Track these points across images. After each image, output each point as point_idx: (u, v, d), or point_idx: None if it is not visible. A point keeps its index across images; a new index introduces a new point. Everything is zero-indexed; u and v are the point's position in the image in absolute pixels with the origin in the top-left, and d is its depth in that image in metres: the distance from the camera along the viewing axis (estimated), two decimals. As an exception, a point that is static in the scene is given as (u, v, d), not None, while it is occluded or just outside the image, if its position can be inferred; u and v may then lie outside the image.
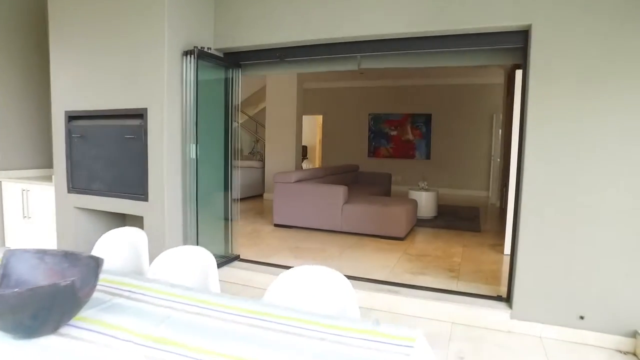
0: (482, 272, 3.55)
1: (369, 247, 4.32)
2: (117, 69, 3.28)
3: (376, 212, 4.71)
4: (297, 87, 7.29)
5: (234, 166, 3.84)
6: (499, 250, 4.28)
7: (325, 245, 4.37)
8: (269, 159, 7.58)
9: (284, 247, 4.27)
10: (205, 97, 3.59)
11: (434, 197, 6.00)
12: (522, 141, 2.66)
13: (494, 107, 8.81)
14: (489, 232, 5.19)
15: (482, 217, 6.41)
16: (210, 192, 3.73)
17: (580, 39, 2.44)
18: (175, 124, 3.19)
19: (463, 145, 9.24)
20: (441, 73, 8.56)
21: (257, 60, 3.57)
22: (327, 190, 4.93)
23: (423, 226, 5.50)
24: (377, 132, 9.99)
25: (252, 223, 5.48)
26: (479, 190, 9.14)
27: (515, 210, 2.74)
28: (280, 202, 5.18)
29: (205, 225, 3.65)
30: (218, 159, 3.76)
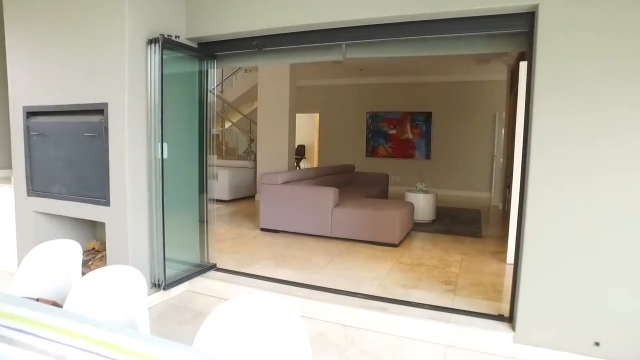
0: (481, 285, 3.21)
1: (359, 255, 3.99)
2: (76, 59, 2.96)
3: (368, 217, 4.37)
4: (289, 84, 6.96)
5: (209, 166, 3.50)
6: (501, 258, 3.94)
7: (312, 253, 4.04)
8: (261, 159, 7.26)
9: (267, 255, 3.95)
10: (177, 91, 3.28)
11: (432, 199, 5.65)
12: (527, 139, 2.32)
13: (497, 105, 8.46)
14: (490, 238, 4.84)
15: (483, 220, 6.06)
16: (182, 195, 3.40)
17: (597, 21, 2.09)
18: (139, 120, 2.86)
19: (464, 145, 8.89)
20: (442, 69, 8.21)
21: (233, 51, 3.24)
22: (316, 192, 4.60)
23: (420, 230, 5.16)
24: (376, 131, 9.65)
25: (237, 227, 5.16)
26: (481, 192, 8.79)
27: (519, 216, 2.40)
28: (266, 205, 4.86)
29: (177, 231, 3.33)
30: (192, 158, 3.43)
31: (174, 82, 3.26)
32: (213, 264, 3.50)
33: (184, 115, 3.35)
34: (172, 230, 3.22)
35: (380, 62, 7.59)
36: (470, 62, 7.35)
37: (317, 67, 8.24)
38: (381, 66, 8.09)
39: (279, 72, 6.98)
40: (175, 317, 2.85)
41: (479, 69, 7.95)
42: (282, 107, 7.03)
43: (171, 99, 3.22)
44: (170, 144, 3.23)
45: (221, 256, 3.86)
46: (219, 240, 4.50)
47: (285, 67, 6.91)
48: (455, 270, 3.55)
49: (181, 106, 3.33)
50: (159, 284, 2.98)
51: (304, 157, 13.25)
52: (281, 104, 7.03)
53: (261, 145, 7.27)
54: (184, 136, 3.37)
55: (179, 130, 3.33)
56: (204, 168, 3.50)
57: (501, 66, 7.40)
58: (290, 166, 7.15)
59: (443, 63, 7.53)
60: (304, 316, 2.84)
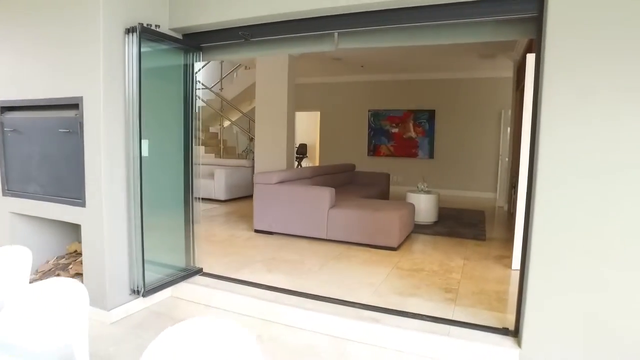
0: (485, 293, 2.99)
1: (355, 259, 3.77)
2: (49, 50, 2.77)
3: (366, 218, 4.15)
4: (288, 80, 6.75)
5: (195, 164, 3.30)
6: (506, 264, 3.71)
7: (306, 257, 3.83)
8: (258, 158, 7.05)
9: (259, 258, 3.74)
10: (160, 84, 3.09)
11: (434, 200, 5.43)
12: (535, 137, 2.10)
13: (502, 103, 8.20)
14: (495, 241, 4.61)
15: (487, 222, 5.82)
16: (166, 195, 3.21)
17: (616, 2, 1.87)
18: (116, 116, 2.67)
19: (469, 144, 8.64)
20: (445, 66, 7.97)
21: (219, 42, 3.04)
22: (311, 192, 4.39)
23: (421, 233, 4.94)
24: (378, 130, 9.43)
25: (231, 228, 4.96)
26: (486, 192, 8.54)
27: (526, 218, 2.17)
28: (260, 205, 4.66)
29: (160, 234, 3.14)
30: (176, 156, 3.23)
31: (156, 75, 3.07)
32: (199, 269, 3.31)
33: (167, 111, 3.16)
34: (154, 232, 3.04)
35: (382, 58, 7.37)
36: (475, 58, 7.11)
37: (318, 63, 8.03)
38: (383, 63, 7.86)
39: (277, 68, 6.77)
40: (154, 325, 2.65)
41: (484, 65, 7.71)
42: (281, 105, 6.82)
43: (154, 93, 3.03)
44: (153, 141, 3.04)
45: (210, 259, 3.66)
46: (210, 242, 4.30)
47: (284, 63, 6.70)
48: (457, 277, 3.33)
49: (164, 101, 3.13)
50: (138, 290, 2.79)
51: (306, 156, 13.06)
52: (279, 101, 6.82)
53: (259, 143, 7.06)
54: (167, 132, 3.17)
55: (162, 126, 3.14)
56: (190, 166, 3.30)
57: (507, 62, 7.15)
58: (289, 165, 6.94)
59: (447, 59, 7.29)
60: (292, 326, 2.64)
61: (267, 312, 2.77)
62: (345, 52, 6.95)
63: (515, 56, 6.46)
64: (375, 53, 7.01)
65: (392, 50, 6.68)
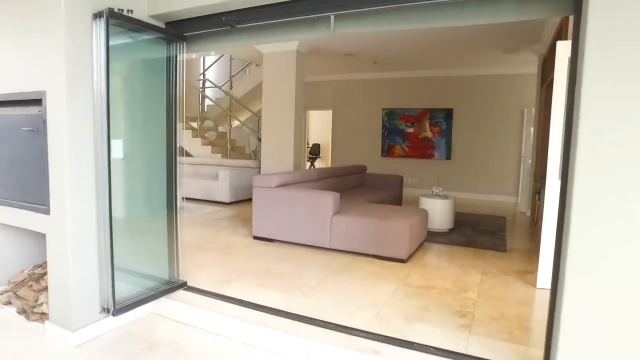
0: (505, 318, 2.57)
1: (358, 273, 3.40)
2: (8, 38, 2.49)
3: (373, 227, 3.77)
4: (295, 77, 6.41)
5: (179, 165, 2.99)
6: (529, 280, 3.28)
7: (304, 268, 3.47)
8: (265, 159, 6.74)
9: (252, 270, 3.41)
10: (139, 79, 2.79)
11: (450, 205, 4.99)
12: (570, 138, 1.69)
13: (525, 101, 7.68)
14: (516, 252, 4.16)
15: (508, 230, 5.36)
16: (145, 201, 2.90)
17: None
18: (84, 113, 2.36)
19: (488, 145, 8.14)
20: (464, 62, 7.49)
21: (204, 30, 2.71)
22: (313, 197, 4.03)
23: (434, 241, 4.52)
24: (392, 129, 9.00)
25: (230, 234, 4.65)
26: (506, 196, 8.03)
27: (559, 227, 1.75)
28: (260, 210, 4.32)
29: (138, 244, 2.84)
30: (157, 157, 2.92)
31: (135, 68, 2.77)
32: (183, 282, 2.99)
33: (148, 108, 2.85)
34: (133, 242, 2.75)
35: (396, 54, 6.95)
36: (497, 53, 6.62)
37: (329, 60, 7.67)
38: (398, 59, 7.44)
39: (284, 64, 6.45)
40: (123, 350, 2.34)
41: (506, 61, 7.20)
42: (288, 103, 6.49)
43: (132, 89, 2.74)
44: (132, 141, 2.75)
45: (199, 271, 3.34)
46: (203, 250, 3.99)
47: (291, 59, 6.37)
48: (473, 297, 2.92)
49: (145, 97, 2.83)
50: (108, 309, 2.48)
51: (319, 157, 12.71)
52: (287, 99, 6.49)
53: (266, 144, 6.75)
54: (148, 132, 2.87)
55: (141, 125, 2.84)
56: (173, 169, 2.99)
57: (531, 57, 6.64)
58: (296, 167, 6.61)
59: (466, 55, 6.82)
60: (278, 354, 2.29)
61: (251, 336, 2.42)
62: (357, 47, 6.57)
63: (541, 49, 5.96)
64: (389, 48, 6.60)
65: (407, 45, 6.27)
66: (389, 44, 6.25)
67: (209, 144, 8.30)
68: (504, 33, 5.47)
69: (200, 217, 5.64)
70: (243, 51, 7.04)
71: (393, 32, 5.48)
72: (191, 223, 5.21)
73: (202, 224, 5.19)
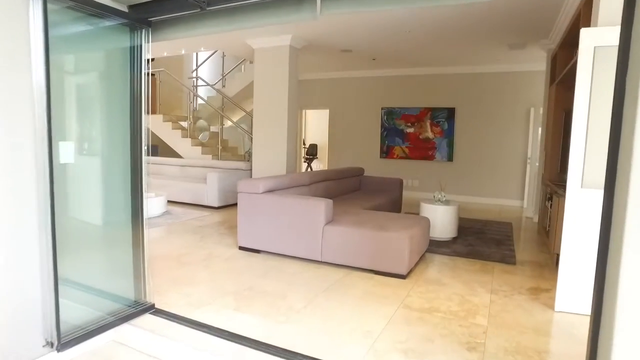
0: (522, 353, 2.19)
1: (352, 292, 3.01)
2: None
3: (369, 239, 3.39)
4: (288, 74, 6.03)
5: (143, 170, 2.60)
6: (546, 301, 2.89)
7: (291, 287, 3.09)
8: (256, 160, 6.36)
9: (232, 289, 3.02)
10: (97, 72, 2.41)
11: (453, 212, 4.61)
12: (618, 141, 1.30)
13: (532, 100, 7.30)
14: (527, 265, 3.78)
15: (516, 237, 4.98)
16: (106, 212, 2.52)
17: None
18: (22, 110, 1.98)
19: (492, 146, 7.76)
20: (467, 59, 7.11)
21: (171, 14, 2.33)
22: (303, 205, 3.64)
23: (437, 252, 4.14)
24: (391, 129, 8.61)
25: (214, 243, 4.26)
26: (511, 200, 7.64)
27: (603, 245, 1.37)
28: (245, 219, 3.94)
29: (99, 261, 2.46)
30: (120, 161, 2.54)
31: (92, 59, 2.39)
32: (150, 305, 2.60)
33: (108, 105, 2.47)
34: (87, 258, 2.36)
35: (396, 50, 6.56)
36: (502, 49, 6.24)
37: (325, 56, 7.28)
38: (397, 55, 7.05)
39: (276, 61, 6.07)
40: (67, 394, 1.96)
41: (512, 57, 6.82)
42: (281, 102, 6.11)
43: (89, 83, 2.36)
44: (89, 142, 2.37)
45: (172, 288, 2.96)
46: (181, 263, 3.61)
47: (284, 55, 5.99)
48: (483, 323, 2.54)
49: (103, 92, 2.45)
50: (52, 342, 2.10)
51: (316, 157, 12.33)
52: (279, 98, 6.12)
53: (257, 145, 6.37)
54: (108, 132, 2.49)
55: (99, 124, 2.45)
56: (139, 173, 2.60)
57: (539, 53, 6.27)
58: (289, 169, 6.23)
59: (469, 51, 6.44)
60: (252, 402, 1.90)
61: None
62: (355, 43, 6.19)
63: (550, 45, 5.58)
64: (388, 44, 6.22)
65: (407, 40, 5.89)
66: (387, 39, 5.87)
67: (199, 145, 7.92)
68: (510, 27, 5.09)
69: (184, 223, 5.25)
70: (235, 48, 6.66)
71: (391, 25, 5.09)
72: (173, 230, 4.83)
73: (185, 231, 4.81)
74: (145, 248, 2.64)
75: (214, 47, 6.84)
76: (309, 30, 5.54)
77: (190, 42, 6.45)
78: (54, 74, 2.02)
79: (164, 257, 3.78)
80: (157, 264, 3.58)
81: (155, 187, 6.82)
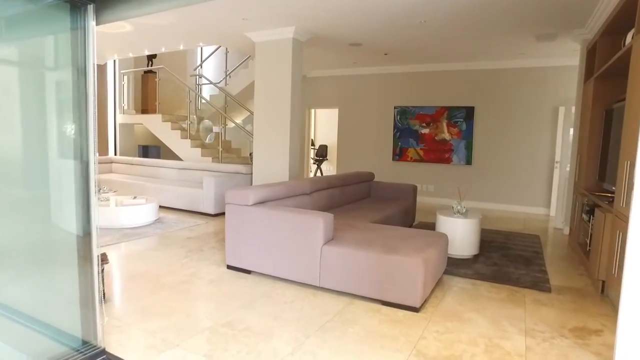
0: None
1: (353, 332, 2.47)
2: None
3: (376, 262, 2.84)
4: (292, 71, 5.51)
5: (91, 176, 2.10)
6: (598, 349, 2.30)
7: (280, 322, 2.55)
8: (257, 164, 5.86)
9: (207, 324, 2.51)
10: (31, 60, 1.92)
11: (474, 226, 4.03)
12: None
13: (561, 98, 6.64)
14: (566, 294, 3.18)
15: (546, 254, 4.36)
16: (39, 229, 2.04)
17: None
18: None
19: (515, 148, 7.10)
20: (487, 54, 6.47)
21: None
22: (299, 220, 3.11)
23: (456, 273, 3.56)
24: (405, 130, 8.02)
25: (200, 260, 3.76)
26: (536, 207, 6.98)
27: None
28: (234, 234, 3.43)
29: (35, 293, 1.97)
30: (61, 168, 2.05)
31: (25, 45, 1.90)
32: (100, 350, 2.10)
33: (45, 100, 1.98)
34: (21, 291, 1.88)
35: (410, 45, 5.98)
36: (528, 40, 5.60)
37: (333, 51, 6.74)
38: (411, 50, 6.46)
39: (278, 56, 5.55)
40: None
41: (539, 51, 6.16)
42: (284, 100, 5.60)
43: (21, 75, 1.88)
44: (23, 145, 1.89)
45: (137, 323, 2.46)
46: (156, 284, 3.12)
47: (286, 49, 5.47)
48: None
49: (39, 86, 1.96)
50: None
51: (326, 159, 11.80)
52: (282, 95, 5.60)
53: (258, 147, 5.87)
54: (44, 133, 2.00)
55: (33, 124, 1.97)
56: (87, 182, 2.10)
57: (571, 45, 5.61)
58: (293, 173, 5.71)
59: (491, 44, 5.81)
60: None
61: None
62: (365, 35, 5.63)
63: (586, 35, 4.93)
64: (401, 37, 5.64)
65: (422, 33, 5.30)
66: (400, 31, 5.30)
67: (199, 146, 7.46)
68: (540, 16, 4.47)
69: (173, 233, 4.77)
70: (235, 42, 6.16)
71: (404, 14, 4.51)
72: (160, 242, 4.35)
73: (172, 243, 4.33)
74: (95, 273, 2.14)
75: (213, 41, 6.35)
76: (314, 21, 5.00)
77: (186, 35, 5.98)
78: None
79: (140, 276, 3.30)
80: (131, 285, 3.10)
81: (150, 191, 6.38)
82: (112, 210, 4.86)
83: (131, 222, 4.94)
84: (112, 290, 3.01)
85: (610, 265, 2.98)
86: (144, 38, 6.26)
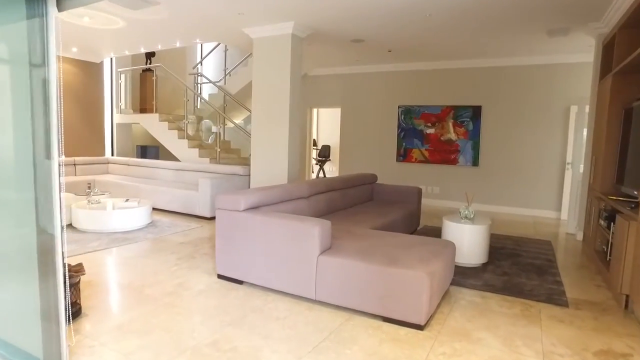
0: None
1: (351, 353, 2.22)
2: None
3: (376, 275, 2.59)
4: (291, 68, 5.27)
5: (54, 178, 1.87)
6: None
7: (270, 341, 2.31)
8: (255, 165, 5.63)
9: (189, 344, 2.27)
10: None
11: (483, 232, 3.77)
12: None
13: (573, 96, 6.35)
14: (583, 307, 2.91)
15: (559, 261, 4.09)
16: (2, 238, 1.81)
17: None
18: None
19: (524, 149, 6.82)
20: (495, 51, 6.20)
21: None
22: (293, 227, 2.86)
23: (464, 285, 3.31)
24: (409, 130, 7.76)
25: (190, 269, 3.53)
26: (546, 210, 6.70)
27: None
28: (225, 242, 3.19)
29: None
30: (22, 171, 1.83)
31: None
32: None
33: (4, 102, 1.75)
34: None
35: (414, 41, 5.72)
36: (539, 35, 5.32)
37: (335, 49, 6.49)
38: (416, 47, 6.20)
39: (277, 53, 5.32)
40: None
41: (550, 47, 5.88)
42: (282, 98, 5.36)
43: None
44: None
45: (110, 343, 2.23)
46: (140, 295, 2.88)
47: (285, 44, 5.24)
48: (540, 420, 1.71)
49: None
50: None
51: (329, 159, 11.56)
52: (281, 93, 5.36)
53: (256, 147, 5.63)
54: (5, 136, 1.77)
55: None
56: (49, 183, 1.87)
57: (585, 40, 5.33)
58: (291, 175, 5.47)
59: (500, 40, 5.53)
60: None
61: None
62: (367, 31, 5.38)
63: (602, 29, 4.65)
64: (405, 34, 5.39)
65: (428, 29, 5.04)
66: (405, 27, 5.04)
67: (196, 147, 7.24)
68: (553, 9, 4.20)
69: (165, 238, 4.55)
70: (232, 38, 5.94)
71: (408, 8, 4.26)
72: (150, 248, 4.12)
73: (162, 249, 4.10)
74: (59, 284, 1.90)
75: (210, 38, 6.13)
76: (314, 16, 4.76)
77: (182, 32, 5.76)
78: None
79: (124, 287, 3.07)
80: (111, 297, 2.87)
81: (144, 193, 6.16)
82: (102, 213, 4.64)
83: (122, 226, 4.73)
84: (89, 303, 2.78)
85: (636, 278, 2.72)
86: (138, 34, 6.04)
